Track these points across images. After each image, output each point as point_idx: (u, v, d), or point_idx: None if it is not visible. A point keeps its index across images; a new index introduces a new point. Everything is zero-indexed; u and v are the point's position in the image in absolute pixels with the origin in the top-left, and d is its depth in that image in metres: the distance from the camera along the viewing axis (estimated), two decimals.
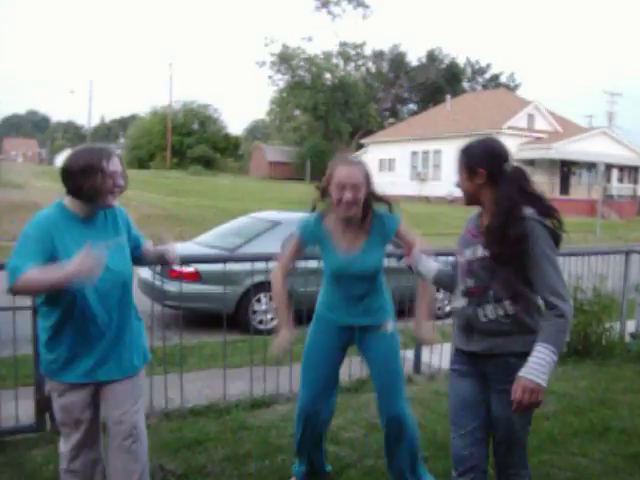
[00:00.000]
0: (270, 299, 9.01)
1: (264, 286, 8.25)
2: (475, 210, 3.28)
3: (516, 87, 73.96)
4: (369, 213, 3.75)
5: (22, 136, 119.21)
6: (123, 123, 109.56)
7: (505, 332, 2.99)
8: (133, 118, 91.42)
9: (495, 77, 75.68)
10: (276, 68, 63.56)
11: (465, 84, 74.13)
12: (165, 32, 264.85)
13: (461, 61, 74.89)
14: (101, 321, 3.17)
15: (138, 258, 3.57)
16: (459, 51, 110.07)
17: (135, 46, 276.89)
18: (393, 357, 3.89)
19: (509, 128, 41.26)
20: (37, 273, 2.86)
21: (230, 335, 6.38)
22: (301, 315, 6.35)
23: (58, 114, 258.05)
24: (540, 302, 2.96)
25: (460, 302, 3.15)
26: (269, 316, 9.04)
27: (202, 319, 8.83)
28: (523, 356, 2.87)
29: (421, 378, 6.46)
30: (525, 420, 3.09)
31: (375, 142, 51.05)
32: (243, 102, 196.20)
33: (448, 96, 53.35)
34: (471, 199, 3.15)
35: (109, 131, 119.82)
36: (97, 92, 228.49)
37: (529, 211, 2.95)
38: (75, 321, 3.13)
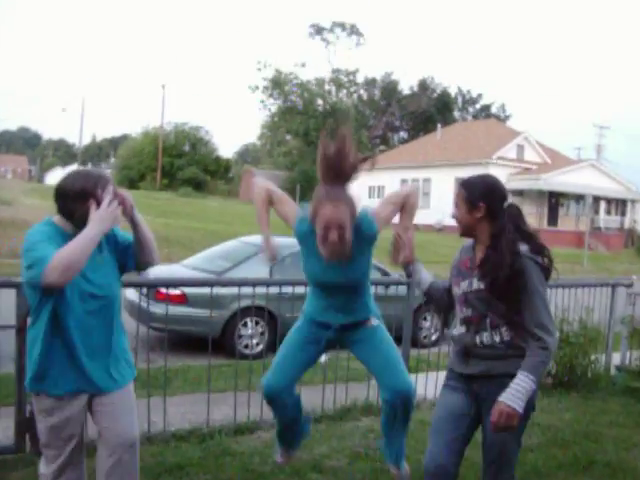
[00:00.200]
0: (257, 323, 8.99)
1: (250, 311, 8.27)
2: (464, 240, 3.40)
3: (507, 118, 74.58)
4: None
5: (12, 153, 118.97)
6: (114, 142, 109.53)
7: (501, 356, 3.17)
8: (124, 138, 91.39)
9: (486, 107, 76.30)
10: (268, 93, 63.83)
11: (456, 113, 74.67)
12: (159, 53, 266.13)
13: (452, 91, 75.57)
14: (91, 335, 3.17)
15: (136, 255, 3.44)
16: (451, 81, 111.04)
17: (128, 66, 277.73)
18: (381, 339, 3.77)
19: (499, 158, 41.54)
20: (66, 247, 2.88)
21: (215, 359, 6.35)
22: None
23: (50, 132, 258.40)
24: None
25: (458, 329, 3.34)
26: (255, 341, 9.00)
27: (187, 342, 8.78)
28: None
29: None
30: (516, 443, 3.26)
31: (365, 169, 51.12)
32: (235, 125, 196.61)
33: (439, 125, 53.72)
34: (467, 231, 3.33)
35: (100, 150, 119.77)
36: (89, 111, 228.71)
37: (524, 248, 3.13)
38: (65, 336, 3.11)
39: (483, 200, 3.23)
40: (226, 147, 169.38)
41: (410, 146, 53.10)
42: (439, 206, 42.52)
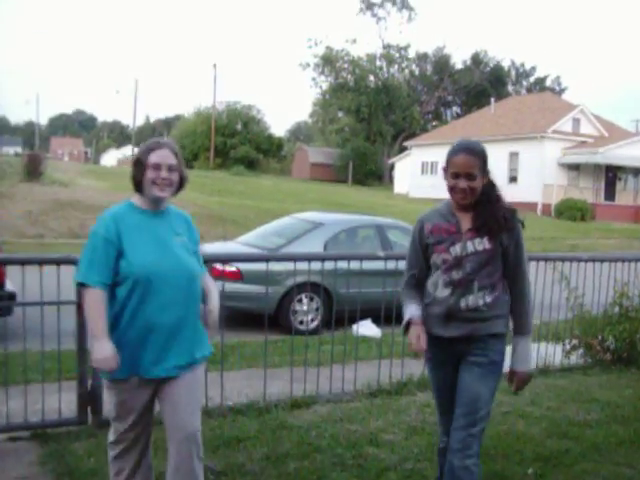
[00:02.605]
0: (311, 299, 9.02)
1: (305, 287, 8.31)
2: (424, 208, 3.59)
3: (562, 91, 73.18)
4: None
5: (69, 135, 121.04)
6: (168, 123, 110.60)
7: (482, 318, 3.28)
8: (177, 118, 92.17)
9: (540, 80, 74.95)
10: (320, 70, 63.68)
11: (510, 87, 73.51)
12: (210, 33, 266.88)
13: (506, 64, 74.36)
14: (167, 310, 3.19)
15: None
16: (504, 54, 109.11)
17: (180, 47, 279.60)
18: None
19: (554, 132, 40.75)
20: (92, 304, 3.09)
21: (271, 335, 6.39)
22: (342, 316, 6.34)
23: (104, 114, 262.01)
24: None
25: (443, 292, 3.33)
26: (310, 317, 9.04)
27: (244, 318, 8.85)
28: (495, 335, 3.31)
29: None
30: (489, 394, 3.33)
31: (418, 145, 50.76)
32: (286, 103, 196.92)
33: (492, 99, 52.87)
34: (475, 199, 3.29)
35: (154, 131, 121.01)
36: (142, 92, 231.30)
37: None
38: (139, 308, 3.16)
39: (487, 165, 3.31)
40: (278, 125, 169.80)
41: (463, 121, 52.39)
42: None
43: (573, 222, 34.95)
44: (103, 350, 3.06)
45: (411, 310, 3.45)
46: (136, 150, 3.70)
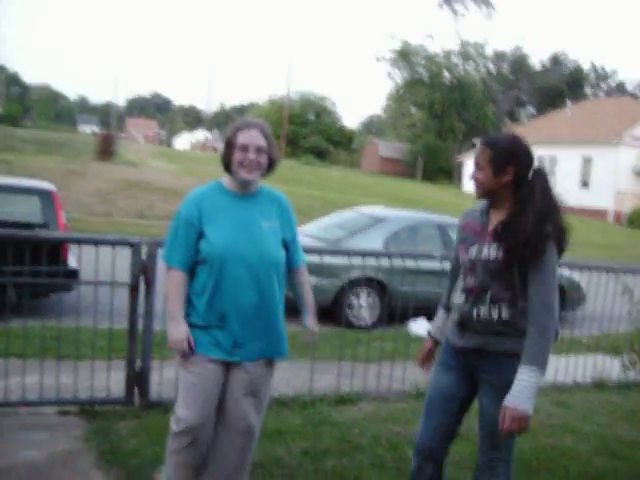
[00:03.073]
0: (369, 295, 8.96)
1: (365, 282, 8.27)
2: (472, 204, 3.28)
3: None
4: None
5: (144, 117, 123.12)
6: (242, 110, 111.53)
7: (496, 332, 3.00)
8: (251, 106, 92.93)
9: (621, 84, 73.14)
10: (395, 64, 63.33)
11: (588, 90, 71.93)
12: (287, 23, 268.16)
13: (585, 66, 72.78)
14: (242, 294, 3.18)
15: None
16: (584, 55, 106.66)
17: (256, 35, 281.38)
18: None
19: (631, 138, 39.65)
20: (171, 285, 3.18)
21: (324, 328, 6.37)
22: (399, 314, 6.30)
23: (180, 98, 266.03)
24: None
25: (459, 298, 3.16)
26: (366, 312, 8.98)
27: (296, 309, 8.87)
28: (513, 355, 2.93)
29: None
30: None
31: None
32: (361, 96, 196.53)
33: (568, 101, 51.75)
34: (487, 195, 3.07)
35: (227, 117, 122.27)
36: (218, 79, 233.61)
37: (549, 227, 2.90)
38: (217, 291, 3.17)
39: (512, 163, 2.97)
40: (352, 118, 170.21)
41: (538, 122, 51.40)
42: (564, 185, 41.11)
43: None
44: (178, 332, 3.14)
45: (433, 322, 3.54)
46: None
